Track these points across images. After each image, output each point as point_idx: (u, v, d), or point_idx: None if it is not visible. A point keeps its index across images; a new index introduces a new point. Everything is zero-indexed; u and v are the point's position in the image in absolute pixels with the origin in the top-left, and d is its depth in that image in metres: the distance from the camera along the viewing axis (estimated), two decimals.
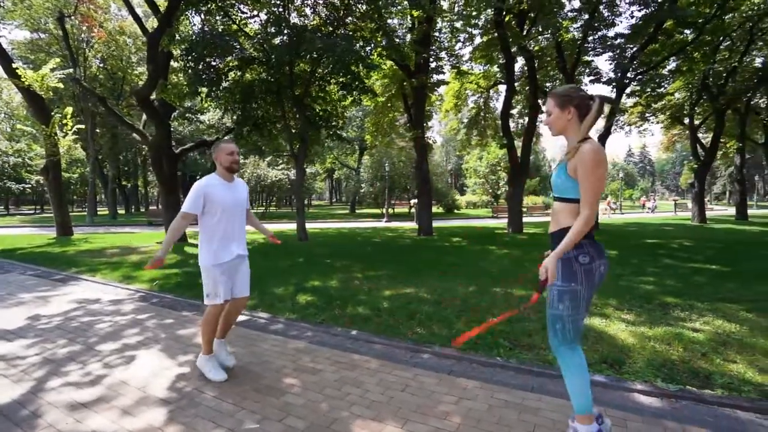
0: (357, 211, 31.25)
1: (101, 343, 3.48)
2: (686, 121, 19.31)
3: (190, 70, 8.83)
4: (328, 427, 2.19)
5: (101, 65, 22.47)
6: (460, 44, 14.46)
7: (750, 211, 25.30)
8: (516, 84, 18.97)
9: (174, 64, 12.19)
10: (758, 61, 18.28)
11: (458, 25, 13.25)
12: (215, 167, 2.84)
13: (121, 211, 34.40)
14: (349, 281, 5.98)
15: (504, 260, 8.12)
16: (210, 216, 2.72)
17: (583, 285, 1.85)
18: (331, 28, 10.42)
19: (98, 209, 30.57)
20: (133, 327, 3.94)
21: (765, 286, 5.46)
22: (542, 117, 2.07)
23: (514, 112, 19.94)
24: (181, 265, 7.45)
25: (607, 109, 1.91)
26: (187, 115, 12.80)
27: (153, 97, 9.16)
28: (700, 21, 12.67)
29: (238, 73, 10.44)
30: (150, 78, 9.14)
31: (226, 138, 3.14)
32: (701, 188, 18.94)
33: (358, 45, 9.16)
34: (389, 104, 15.53)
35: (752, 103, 20.05)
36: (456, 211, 32.15)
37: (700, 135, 19.62)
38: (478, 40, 14.43)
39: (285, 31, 9.10)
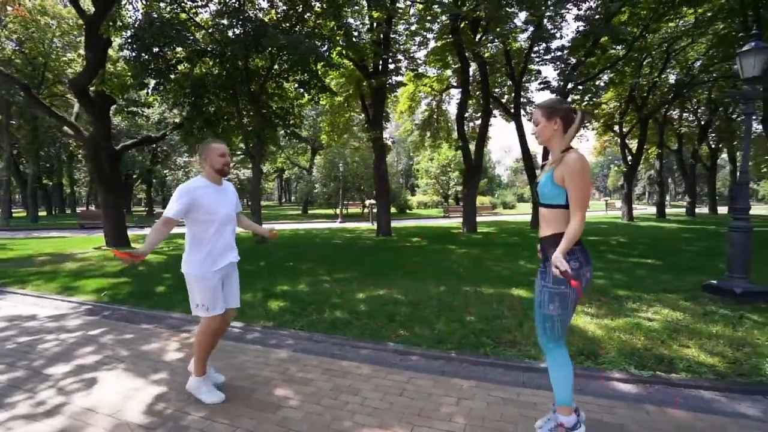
0: (309, 212, 30.65)
1: (50, 366, 3.08)
2: (616, 128, 21.26)
3: (135, 60, 8.09)
4: None
5: (17, 48, 19.86)
6: (415, 47, 14.73)
7: (666, 210, 28.42)
8: (468, 88, 19.78)
9: (111, 52, 11.15)
10: (672, 78, 20.67)
11: (413, 28, 13.50)
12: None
13: (42, 213, 30.72)
14: (318, 284, 5.84)
15: (465, 259, 8.39)
16: (199, 222, 2.49)
17: (571, 288, 1.95)
18: (288, 24, 10.12)
19: (12, 211, 26.97)
20: (86, 345, 3.54)
21: (693, 277, 6.14)
22: (529, 129, 2.20)
23: (466, 115, 20.79)
24: (129, 272, 6.81)
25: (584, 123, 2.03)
26: (130, 108, 11.68)
27: (91, 87, 8.27)
28: (629, 39, 14.00)
29: (188, 66, 9.78)
30: (88, 67, 8.22)
31: (211, 139, 2.88)
32: (629, 189, 20.97)
33: (318, 42, 8.97)
34: (346, 104, 15.40)
35: (668, 114, 22.62)
36: (408, 211, 32.71)
37: (627, 141, 21.67)
38: (432, 44, 14.81)
39: (242, 24, 8.67)
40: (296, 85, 11.55)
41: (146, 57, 8.16)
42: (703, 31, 15.50)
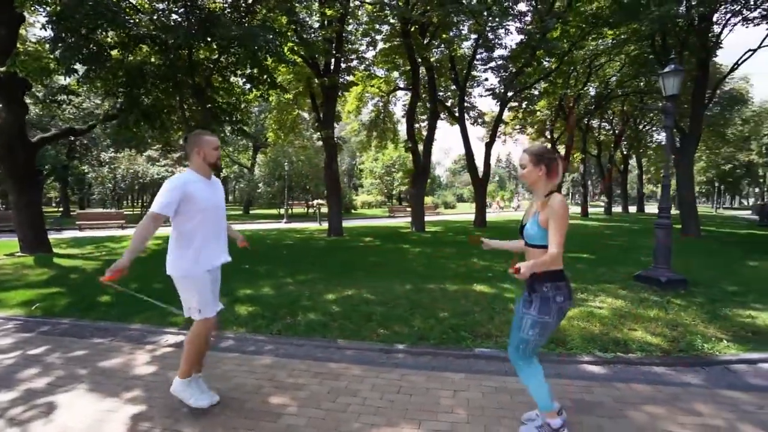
0: (251, 212, 29.32)
1: None
2: (548, 134, 23.20)
3: (57, 41, 7.12)
4: None
5: None
6: (363, 48, 14.80)
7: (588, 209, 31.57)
8: (419, 91, 20.28)
9: (23, 31, 9.77)
10: (592, 92, 23.08)
11: (363, 29, 13.56)
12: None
13: None
14: (283, 287, 5.66)
15: (422, 258, 8.63)
16: (188, 218, 2.31)
17: (554, 319, 2.10)
18: (237, 15, 9.64)
19: None
20: (28, 366, 3.10)
21: (624, 269, 6.93)
22: (519, 171, 2.36)
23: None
24: (60, 281, 6.04)
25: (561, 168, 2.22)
26: (56, 97, 10.23)
27: (1, 68, 7.12)
28: (560, 53, 15.37)
29: (122, 52, 8.87)
30: None
31: (200, 131, 2.64)
32: (558, 191, 22.91)
33: (271, 36, 8.64)
34: (295, 102, 15.02)
35: (589, 123, 25.19)
36: (353, 210, 32.70)
37: (557, 147, 23.72)
38: (380, 45, 14.97)
39: (188, 11, 8.07)
40: (244, 80, 11.04)
41: (73, 39, 7.24)
42: (618, 51, 17.48)
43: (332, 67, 11.97)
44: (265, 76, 10.28)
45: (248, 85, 10.79)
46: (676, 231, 13.16)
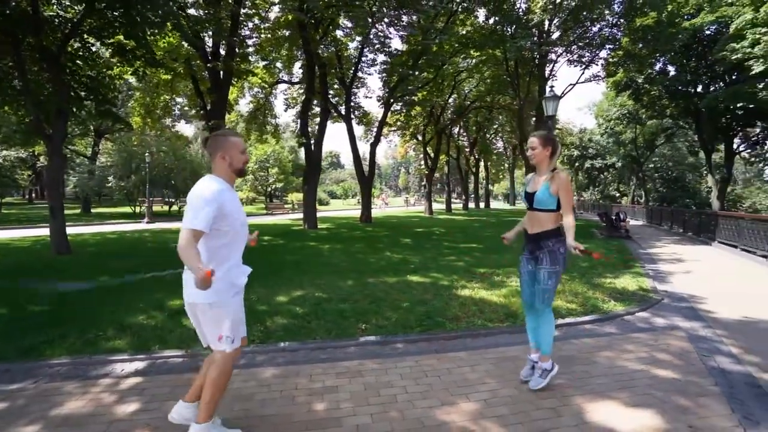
0: (94, 211, 23.94)
1: None
2: (419, 137, 25.65)
3: None
4: (425, 426, 2.24)
5: None
6: (255, 37, 13.87)
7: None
8: (299, 86, 19.84)
9: None
10: (452, 102, 26.52)
11: (256, 20, 12.71)
12: None
13: None
14: None
15: (339, 254, 8.75)
16: (221, 234, 2.01)
17: (561, 267, 2.71)
18: None
19: None
20: None
21: (510, 255, 8.39)
22: (529, 151, 2.88)
23: (294, 112, 20.80)
24: None
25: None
26: None
27: None
28: (438, 64, 17.28)
29: None
30: None
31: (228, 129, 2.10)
32: (430, 189, 25.69)
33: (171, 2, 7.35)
34: (170, 85, 13.06)
35: (451, 130, 28.85)
36: None
37: (428, 149, 26.43)
38: (277, 33, 14.27)
39: None
40: (111, 51, 9.15)
41: None
42: (478, 70, 20.59)
43: (225, 52, 10.89)
44: (141, 50, 8.76)
45: (120, 59, 9.01)
46: None
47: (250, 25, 12.95)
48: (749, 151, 21.17)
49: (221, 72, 10.93)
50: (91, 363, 3.09)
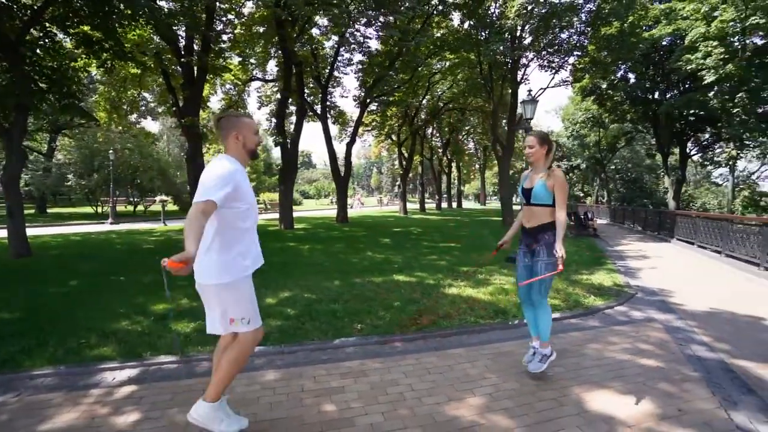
0: (50, 211, 22.42)
1: None
2: (394, 137, 25.76)
3: None
4: (437, 421, 2.29)
5: None
6: (227, 31, 13.47)
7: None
8: (273, 83, 19.47)
9: None
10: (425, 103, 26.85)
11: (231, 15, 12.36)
12: None
13: None
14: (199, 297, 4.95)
15: (320, 255, 8.67)
16: (234, 213, 2.01)
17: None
18: None
19: None
20: None
21: (489, 253, 8.66)
22: (527, 150, 3.03)
23: (268, 111, 20.40)
24: None
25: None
26: None
27: None
28: (414, 66, 17.44)
29: None
30: None
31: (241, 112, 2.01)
32: (404, 188, 25.86)
33: None
34: (137, 80, 12.47)
35: (426, 131, 29.18)
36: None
37: (402, 150, 26.61)
38: (248, 31, 13.93)
39: None
40: (75, 42, 8.66)
41: None
42: (452, 72, 20.93)
43: (199, 47, 10.53)
44: (110, 43, 8.35)
45: (86, 50, 8.54)
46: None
47: (224, 20, 12.60)
48: (700, 154, 22.72)
49: (195, 68, 10.55)
50: (77, 372, 2.93)
